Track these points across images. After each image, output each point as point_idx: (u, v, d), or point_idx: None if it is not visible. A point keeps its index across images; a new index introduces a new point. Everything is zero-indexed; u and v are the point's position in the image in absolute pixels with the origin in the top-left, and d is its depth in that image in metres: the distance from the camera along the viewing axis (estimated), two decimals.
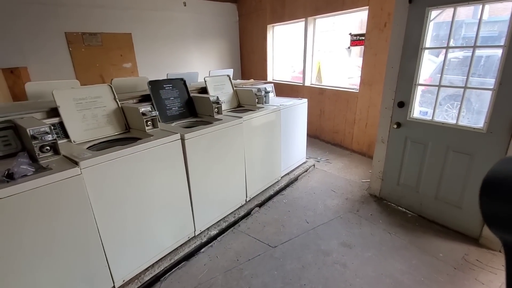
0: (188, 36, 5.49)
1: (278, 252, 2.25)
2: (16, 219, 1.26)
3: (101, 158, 1.53)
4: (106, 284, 1.73)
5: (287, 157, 3.34)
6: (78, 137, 1.82)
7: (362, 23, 4.58)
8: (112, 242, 1.68)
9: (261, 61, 5.72)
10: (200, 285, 1.95)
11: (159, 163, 1.86)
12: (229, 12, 5.98)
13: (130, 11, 4.67)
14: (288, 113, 3.17)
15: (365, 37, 3.70)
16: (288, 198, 3.06)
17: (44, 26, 4.01)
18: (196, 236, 2.31)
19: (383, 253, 2.19)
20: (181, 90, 2.57)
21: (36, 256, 1.35)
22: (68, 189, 1.40)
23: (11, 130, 1.62)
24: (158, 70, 5.06)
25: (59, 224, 1.41)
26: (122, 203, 1.70)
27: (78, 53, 4.28)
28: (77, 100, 1.86)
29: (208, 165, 2.25)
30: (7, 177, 1.27)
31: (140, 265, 1.92)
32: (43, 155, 1.49)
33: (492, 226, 0.42)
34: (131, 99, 2.29)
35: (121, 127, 2.06)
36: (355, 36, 3.92)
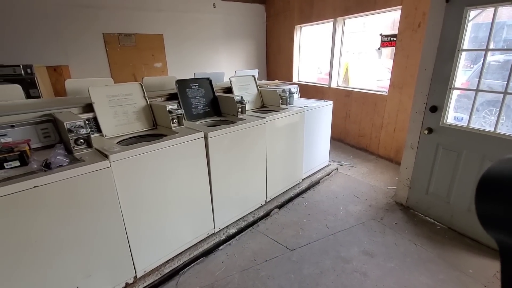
0: (216, 37, 5.60)
1: (296, 256, 2.22)
2: (51, 206, 1.36)
3: (129, 152, 1.61)
4: (129, 274, 1.81)
5: (309, 159, 3.29)
6: (109, 132, 1.93)
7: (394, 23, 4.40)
8: (136, 233, 1.76)
9: (287, 62, 5.69)
10: (217, 282, 1.98)
11: (183, 160, 1.92)
12: (257, 13, 6.02)
13: (163, 13, 4.87)
14: (312, 114, 3.12)
15: (396, 38, 3.55)
16: (309, 201, 3.01)
17: (85, 28, 4.29)
18: (215, 233, 2.35)
19: (408, 265, 2.08)
20: (206, 90, 2.63)
21: (67, 241, 1.45)
22: (98, 181, 1.49)
23: (50, 123, 1.75)
24: (186, 69, 5.22)
25: (88, 212, 1.50)
26: (147, 196, 1.77)
27: (114, 53, 4.54)
28: (110, 97, 1.97)
29: (230, 164, 2.28)
30: (45, 166, 1.38)
31: (160, 258, 1.99)
32: (77, 148, 1.60)
33: (486, 226, 0.41)
34: (159, 97, 2.39)
35: (149, 124, 2.15)
36: (386, 37, 3.78)
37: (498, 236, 0.41)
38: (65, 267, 1.48)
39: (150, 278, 1.89)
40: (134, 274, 1.84)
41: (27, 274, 1.35)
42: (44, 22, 4.03)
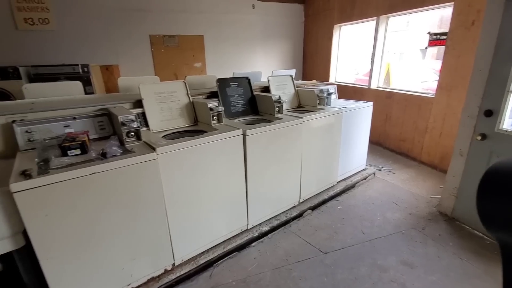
0: (254, 37, 5.68)
1: (329, 259, 2.18)
2: (105, 191, 1.50)
3: (174, 146, 1.71)
4: (168, 261, 1.92)
5: (345, 162, 3.21)
6: (155, 127, 2.07)
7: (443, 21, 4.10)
8: (176, 223, 1.86)
9: (324, 62, 5.58)
10: (249, 277, 2.02)
11: (222, 156, 1.99)
12: (295, 13, 5.98)
13: (204, 14, 5.05)
14: (351, 116, 3.03)
15: (447, 37, 3.31)
16: (343, 205, 2.93)
17: (134, 30, 4.61)
18: (248, 229, 2.39)
19: (451, 279, 1.94)
20: (245, 88, 2.69)
21: (117, 224, 1.59)
22: (146, 171, 1.60)
23: (105, 117, 1.92)
24: (224, 69, 5.36)
25: (136, 199, 1.62)
26: (187, 188, 1.86)
27: (158, 53, 4.82)
28: (157, 94, 2.11)
29: (266, 162, 2.30)
30: (101, 155, 1.52)
31: (197, 249, 2.08)
32: (128, 140, 1.74)
33: (487, 224, 0.41)
34: (200, 95, 2.49)
35: (190, 120, 2.26)
36: (435, 35, 3.53)
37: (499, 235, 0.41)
38: (115, 248, 1.61)
39: (186, 267, 1.99)
40: (172, 262, 1.94)
41: (85, 250, 1.50)
42: (98, 25, 4.40)
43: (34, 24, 4.08)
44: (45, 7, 4.09)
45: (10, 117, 1.69)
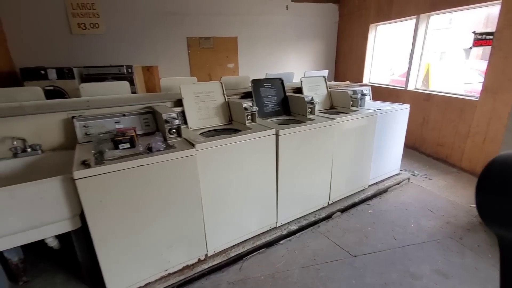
0: (286, 38, 5.71)
1: (359, 262, 2.16)
2: (150, 182, 1.64)
3: (211, 143, 1.82)
4: (201, 251, 2.04)
5: (377, 165, 3.13)
6: (193, 124, 2.20)
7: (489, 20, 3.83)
8: (210, 216, 1.97)
9: (357, 62, 5.45)
10: (277, 273, 2.07)
11: (254, 154, 2.06)
12: (329, 13, 5.91)
13: (239, 16, 5.19)
14: (385, 118, 2.96)
15: (493, 36, 3.09)
16: (374, 209, 2.87)
17: (173, 32, 4.87)
18: (277, 227, 2.45)
19: None
20: (278, 89, 2.74)
21: (159, 212, 1.73)
22: (186, 165, 1.73)
23: (150, 115, 2.09)
24: (256, 69, 5.46)
25: (176, 191, 1.75)
26: (221, 184, 1.97)
27: (194, 54, 5.05)
28: (196, 93, 2.24)
29: (297, 162, 2.34)
30: (147, 149, 1.66)
31: (228, 242, 2.18)
32: (170, 136, 1.88)
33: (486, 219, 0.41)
34: (235, 95, 2.59)
35: (225, 119, 2.37)
36: (481, 35, 3.31)
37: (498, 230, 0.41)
38: (156, 235, 1.76)
39: (218, 258, 2.10)
40: (205, 252, 2.06)
41: (131, 234, 1.66)
42: (141, 28, 4.71)
43: (86, 28, 4.48)
44: (95, 13, 4.47)
45: (70, 113, 1.91)
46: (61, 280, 1.91)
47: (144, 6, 4.64)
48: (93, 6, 4.44)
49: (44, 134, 1.87)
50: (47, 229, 1.57)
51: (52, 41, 4.33)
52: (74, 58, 4.42)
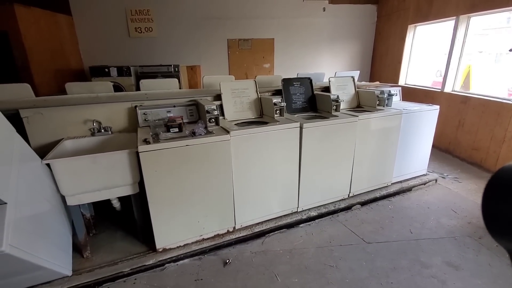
0: (321, 39, 5.87)
1: (371, 248, 2.35)
2: (193, 159, 2.04)
3: (243, 131, 2.17)
4: (230, 223, 2.40)
5: (402, 164, 3.22)
6: (229, 116, 2.57)
7: None
8: (239, 193, 2.32)
9: (394, 63, 5.42)
10: (295, 249, 2.35)
11: (280, 143, 2.36)
12: (367, 14, 5.93)
13: (277, 19, 5.49)
14: (412, 118, 3.05)
15: None
16: (395, 205, 2.99)
17: (215, 35, 5.35)
18: (298, 212, 2.72)
19: (498, 286, 1.92)
20: (307, 88, 3.00)
21: (198, 185, 2.12)
22: (221, 148, 2.09)
23: (194, 106, 2.50)
24: (290, 69, 5.71)
25: (212, 169, 2.13)
26: (250, 167, 2.30)
27: (233, 55, 5.47)
28: (233, 90, 2.60)
29: (319, 154, 2.58)
30: (192, 133, 2.06)
31: (253, 219, 2.51)
32: (210, 124, 2.26)
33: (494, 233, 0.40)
34: (267, 92, 2.91)
35: (257, 113, 2.70)
36: None
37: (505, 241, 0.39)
38: (194, 204, 2.16)
39: (243, 232, 2.44)
40: (233, 225, 2.42)
41: (176, 201, 2.08)
42: (187, 31, 5.26)
43: (141, 32, 5.14)
44: (150, 18, 5.11)
45: (134, 103, 2.39)
46: (120, 236, 2.40)
47: (190, 11, 5.17)
48: (148, 12, 5.07)
49: (114, 118, 2.37)
50: (115, 191, 2.04)
51: (114, 43, 5.06)
52: (131, 58, 5.10)
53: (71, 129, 2.24)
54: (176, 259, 2.15)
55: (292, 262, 2.20)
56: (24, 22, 3.73)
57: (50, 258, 1.68)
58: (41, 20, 4.12)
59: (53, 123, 2.17)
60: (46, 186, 1.80)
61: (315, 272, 2.10)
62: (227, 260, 2.20)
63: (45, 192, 1.79)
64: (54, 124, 2.17)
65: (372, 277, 2.05)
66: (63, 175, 1.80)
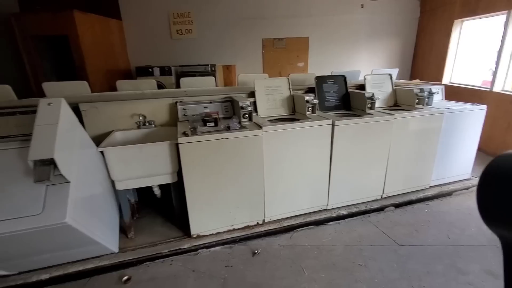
0: (359, 37, 5.71)
1: (403, 251, 2.28)
2: (227, 152, 2.16)
3: (275, 127, 2.24)
4: (260, 216, 2.49)
5: (442, 167, 3.05)
6: (262, 113, 2.66)
7: None
8: (270, 187, 2.40)
9: (438, 61, 5.10)
10: (323, 246, 2.37)
11: (311, 140, 2.39)
12: (409, 9, 5.64)
13: (312, 17, 5.47)
14: (454, 118, 2.88)
15: None
16: (432, 209, 2.85)
17: (250, 35, 5.48)
18: (327, 209, 2.72)
19: None
20: (340, 86, 2.98)
21: (231, 177, 2.24)
22: (254, 143, 2.19)
23: (229, 103, 2.63)
24: (324, 67, 5.63)
25: (245, 162, 2.24)
26: (281, 162, 2.37)
27: (268, 54, 5.57)
28: (266, 87, 2.69)
29: (351, 152, 2.57)
30: (227, 128, 2.18)
31: (282, 213, 2.57)
32: (243, 120, 2.37)
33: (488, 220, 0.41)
34: (300, 90, 2.95)
35: (289, 110, 2.75)
36: None
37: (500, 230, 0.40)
38: (227, 195, 2.28)
39: (272, 225, 2.51)
40: (263, 218, 2.50)
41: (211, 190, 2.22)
42: (224, 32, 5.45)
43: (182, 34, 5.44)
44: (190, 21, 5.39)
45: (174, 99, 2.59)
46: (160, 221, 2.62)
47: (227, 12, 5.35)
48: (189, 15, 5.36)
49: (157, 113, 2.59)
50: (157, 178, 2.24)
51: (157, 45, 5.42)
52: (172, 58, 5.43)
53: (120, 122, 2.50)
54: (209, 246, 2.30)
55: (319, 258, 2.23)
56: (81, 27, 4.18)
57: (102, 234, 1.91)
58: (96, 24, 4.57)
59: (105, 116, 2.43)
60: (100, 171, 2.05)
61: (343, 269, 2.11)
62: (256, 250, 2.29)
63: (99, 176, 2.03)
64: (106, 117, 2.44)
65: (403, 279, 2.00)
66: (114, 162, 2.03)
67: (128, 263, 2.11)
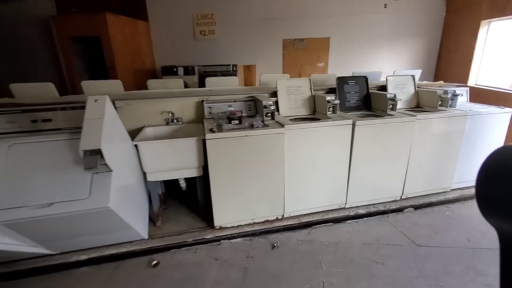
0: (382, 37, 5.66)
1: (422, 251, 2.30)
2: (250, 148, 2.27)
3: (297, 126, 2.34)
4: (279, 211, 2.59)
5: (465, 170, 3.02)
6: (284, 112, 2.75)
7: None
8: (290, 184, 2.49)
9: (463, 62, 4.97)
10: (340, 243, 2.43)
11: (331, 139, 2.46)
12: (435, 8, 5.53)
13: (333, 17, 5.48)
14: (478, 121, 2.84)
15: None
16: (453, 212, 2.83)
17: (271, 35, 5.57)
18: (345, 208, 2.77)
19: None
20: (362, 86, 3.01)
21: (253, 172, 2.35)
22: (276, 140, 2.29)
23: (252, 102, 2.75)
24: (345, 68, 5.63)
25: (267, 158, 2.34)
26: (301, 160, 2.46)
27: (288, 54, 5.64)
28: (288, 87, 2.78)
29: (371, 152, 2.61)
30: (250, 126, 2.30)
31: (301, 210, 2.66)
32: (266, 118, 2.48)
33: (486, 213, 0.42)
34: (321, 90, 3.02)
35: (310, 110, 2.83)
36: None
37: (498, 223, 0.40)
38: (249, 190, 2.40)
39: (291, 221, 2.60)
40: (282, 213, 2.60)
41: (234, 184, 2.35)
42: (245, 33, 5.57)
43: (205, 34, 5.62)
44: (213, 22, 5.56)
45: (201, 98, 2.73)
46: (184, 212, 2.78)
47: (249, 14, 5.47)
48: (212, 16, 5.53)
49: (184, 111, 2.74)
50: (184, 172, 2.39)
51: (181, 45, 5.63)
52: (195, 58, 5.62)
53: (151, 119, 2.67)
54: (231, 237, 2.43)
55: (337, 254, 2.30)
56: (113, 28, 4.43)
57: (135, 221, 2.08)
58: (125, 26, 4.83)
59: (138, 112, 2.62)
60: (134, 163, 2.22)
61: (360, 265, 2.17)
62: (275, 243, 2.39)
63: (133, 167, 2.21)
64: (138, 114, 2.62)
65: (420, 278, 2.03)
66: (147, 155, 2.20)
67: (156, 249, 2.27)
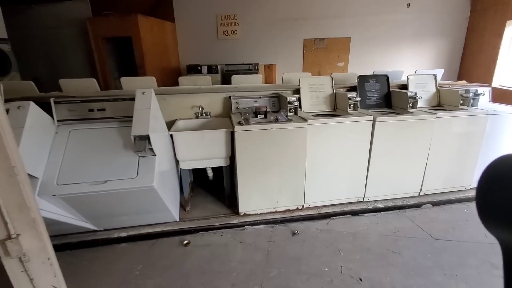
0: (404, 36, 5.66)
1: (439, 244, 2.38)
2: (275, 141, 2.44)
3: (319, 121, 2.48)
4: (299, 201, 2.74)
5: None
6: (306, 108, 2.90)
7: None
8: (311, 175, 2.63)
9: (487, 63, 4.90)
10: (358, 233, 2.55)
11: (351, 135, 2.58)
12: (459, 8, 5.47)
13: (354, 17, 5.55)
14: (500, 121, 2.87)
15: None
16: (472, 210, 2.87)
17: (291, 35, 5.71)
18: (364, 202, 2.88)
19: None
20: (382, 85, 3.10)
21: (277, 163, 2.52)
22: (299, 134, 2.45)
23: (276, 98, 2.91)
24: (365, 67, 5.68)
25: (290, 151, 2.50)
26: (322, 153, 2.60)
27: (308, 54, 5.76)
28: (310, 85, 2.92)
29: (390, 148, 2.70)
30: (275, 120, 2.47)
31: (320, 201, 2.79)
32: (290, 114, 2.64)
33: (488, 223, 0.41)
34: (342, 88, 3.13)
35: (331, 107, 2.96)
36: None
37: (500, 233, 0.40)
38: (272, 179, 2.57)
39: (311, 211, 2.75)
40: (303, 204, 2.75)
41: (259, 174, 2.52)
42: (266, 33, 5.75)
43: (228, 35, 5.84)
44: (236, 22, 5.77)
45: (228, 93, 2.93)
46: (211, 199, 2.99)
47: (270, 14, 5.64)
48: (235, 17, 5.74)
49: (212, 105, 2.95)
50: (213, 161, 2.59)
51: (205, 45, 5.89)
52: (218, 57, 5.86)
53: (182, 112, 2.90)
54: (254, 223, 2.61)
55: (354, 243, 2.42)
56: (143, 29, 4.73)
57: (170, 204, 2.30)
58: (154, 27, 5.13)
59: (171, 106, 2.85)
60: (169, 151, 2.45)
61: (377, 254, 2.28)
62: (295, 231, 2.54)
63: (169, 155, 2.43)
64: (171, 107, 2.85)
65: (435, 268, 2.12)
66: (181, 144, 2.42)
67: (187, 230, 2.49)
